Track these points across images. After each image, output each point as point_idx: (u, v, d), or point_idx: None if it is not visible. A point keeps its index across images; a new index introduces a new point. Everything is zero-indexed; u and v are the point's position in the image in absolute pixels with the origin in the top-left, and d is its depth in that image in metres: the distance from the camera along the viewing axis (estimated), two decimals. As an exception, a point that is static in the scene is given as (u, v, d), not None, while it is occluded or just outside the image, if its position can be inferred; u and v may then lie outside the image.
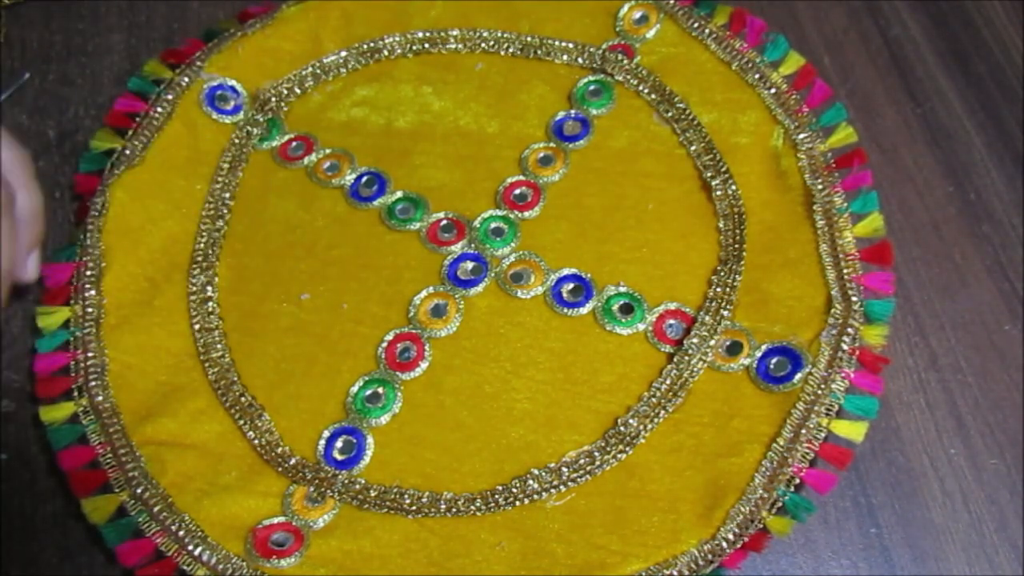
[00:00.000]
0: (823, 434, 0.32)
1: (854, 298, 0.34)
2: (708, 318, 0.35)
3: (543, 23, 0.44)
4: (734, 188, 0.38)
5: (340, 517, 0.33)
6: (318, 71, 0.43)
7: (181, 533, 0.31)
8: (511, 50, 0.43)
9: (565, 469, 0.33)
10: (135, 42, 0.44)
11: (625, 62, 0.42)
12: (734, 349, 0.35)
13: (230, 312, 0.37)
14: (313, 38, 0.43)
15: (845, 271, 0.35)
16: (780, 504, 0.31)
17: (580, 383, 0.35)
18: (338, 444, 0.34)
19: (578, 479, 0.33)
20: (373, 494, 0.33)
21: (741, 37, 0.42)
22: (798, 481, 0.32)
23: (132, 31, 0.45)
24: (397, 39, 0.43)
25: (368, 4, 0.44)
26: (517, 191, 0.40)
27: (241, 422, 0.34)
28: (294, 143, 0.41)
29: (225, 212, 0.39)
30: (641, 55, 0.42)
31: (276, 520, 0.32)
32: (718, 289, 0.36)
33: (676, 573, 0.30)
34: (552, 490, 0.32)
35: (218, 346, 0.36)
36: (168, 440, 0.34)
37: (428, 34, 0.43)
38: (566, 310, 0.36)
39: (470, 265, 0.38)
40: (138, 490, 0.32)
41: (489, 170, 0.40)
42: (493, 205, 0.39)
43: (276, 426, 0.34)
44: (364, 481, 0.33)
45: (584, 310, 0.36)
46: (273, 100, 0.42)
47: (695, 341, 0.35)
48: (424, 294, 0.37)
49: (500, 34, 0.43)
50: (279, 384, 0.35)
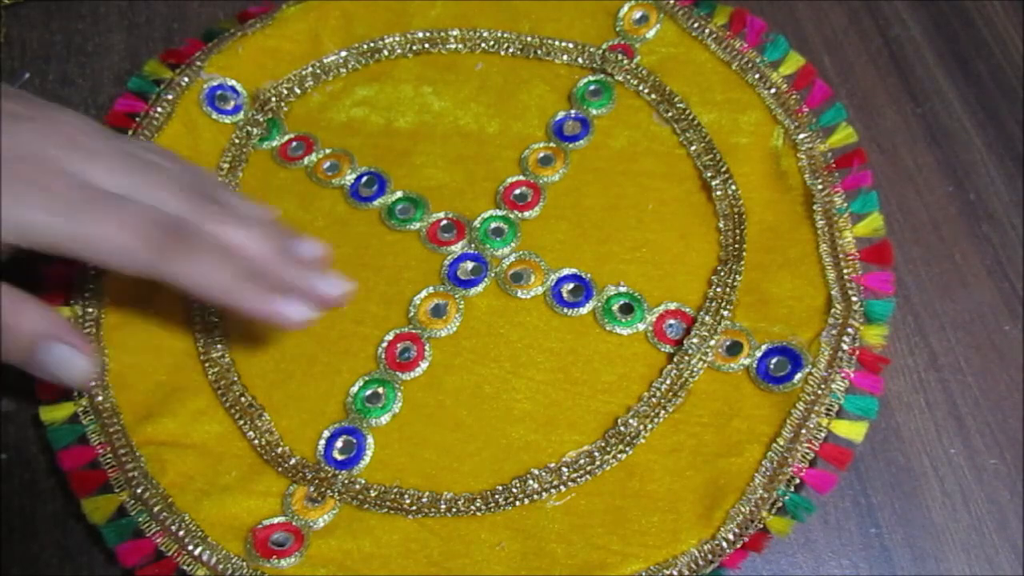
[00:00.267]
0: (823, 434, 0.32)
1: (854, 298, 0.34)
2: (708, 318, 0.35)
3: (543, 23, 0.44)
4: (734, 188, 0.38)
5: (340, 517, 0.33)
6: (318, 71, 0.43)
7: (181, 533, 0.31)
8: (511, 50, 0.43)
9: (565, 469, 0.33)
10: (135, 42, 0.44)
11: (625, 62, 0.42)
12: (734, 349, 0.35)
13: (230, 312, 0.37)
14: (313, 38, 0.43)
15: (845, 271, 0.35)
16: (780, 504, 0.31)
17: (580, 383, 0.35)
18: (338, 444, 0.34)
19: (578, 479, 0.33)
20: (373, 494, 0.33)
21: (741, 37, 0.42)
22: (798, 481, 0.31)
23: (132, 31, 0.45)
24: (397, 39, 0.43)
25: (368, 4, 0.44)
26: (517, 191, 0.40)
27: (241, 422, 0.34)
28: (294, 143, 0.41)
29: (225, 212, 0.39)
30: (641, 55, 0.42)
31: (276, 520, 0.32)
32: (718, 289, 0.36)
33: (676, 573, 0.30)
34: (552, 490, 0.32)
35: (218, 346, 0.36)
36: (168, 440, 0.34)
37: (428, 34, 0.43)
38: (566, 310, 0.36)
39: (470, 265, 0.38)
40: (138, 490, 0.32)
41: (489, 170, 0.40)
42: (493, 205, 0.39)
43: (276, 426, 0.34)
44: (364, 481, 0.33)
45: (584, 310, 0.36)
46: (273, 100, 0.42)
47: (695, 341, 0.35)
48: (424, 294, 0.37)
49: (500, 34, 0.43)
50: (279, 384, 0.35)
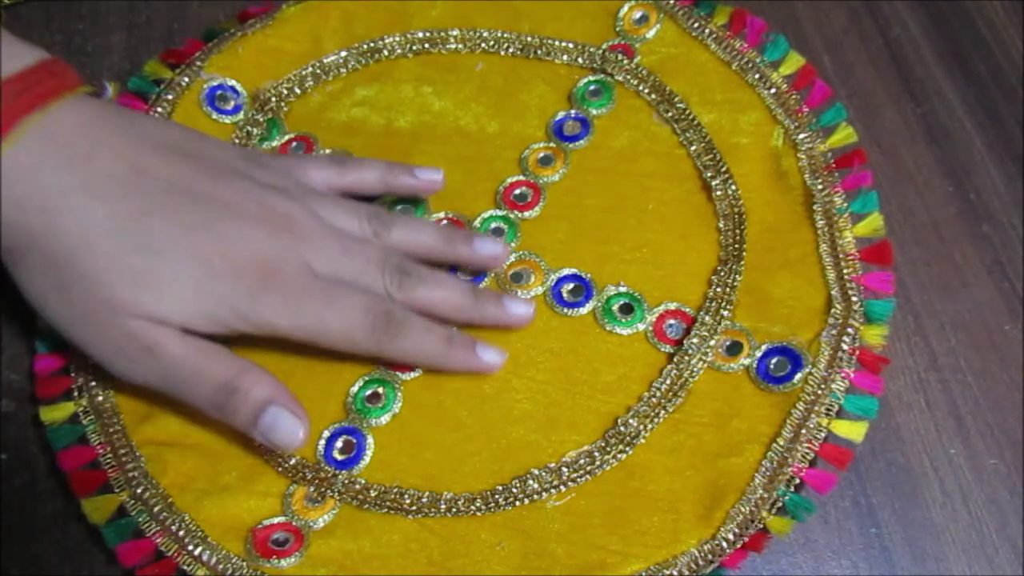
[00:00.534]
0: (823, 434, 0.32)
1: (854, 298, 0.34)
2: (708, 318, 0.35)
3: (543, 23, 0.44)
4: (734, 188, 0.38)
5: (340, 517, 0.33)
6: (318, 71, 0.43)
7: (181, 533, 0.31)
8: (511, 50, 0.43)
9: (565, 469, 0.33)
10: (135, 42, 0.44)
11: (625, 62, 0.42)
12: (734, 349, 0.35)
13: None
14: (313, 38, 0.43)
15: (845, 271, 0.35)
16: (780, 504, 0.31)
17: (580, 383, 0.35)
18: (338, 444, 0.34)
19: (578, 479, 0.33)
20: (373, 494, 0.33)
21: (741, 37, 0.42)
22: (798, 481, 0.32)
23: (132, 31, 0.45)
24: (397, 39, 0.43)
25: (368, 4, 0.44)
26: (517, 191, 0.40)
27: (241, 422, 0.34)
28: (294, 143, 0.41)
29: (225, 212, 0.39)
30: (641, 55, 0.42)
31: (276, 520, 0.32)
32: (718, 289, 0.36)
33: (676, 573, 0.30)
34: (552, 490, 0.32)
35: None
36: (168, 440, 0.34)
37: (428, 34, 0.43)
38: (566, 310, 0.36)
39: (470, 265, 0.38)
40: (138, 490, 0.32)
41: (489, 170, 0.40)
42: (493, 205, 0.39)
43: (276, 426, 0.34)
44: (364, 481, 0.33)
45: (584, 310, 0.36)
46: (273, 100, 0.42)
47: (695, 341, 0.35)
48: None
49: (500, 34, 0.43)
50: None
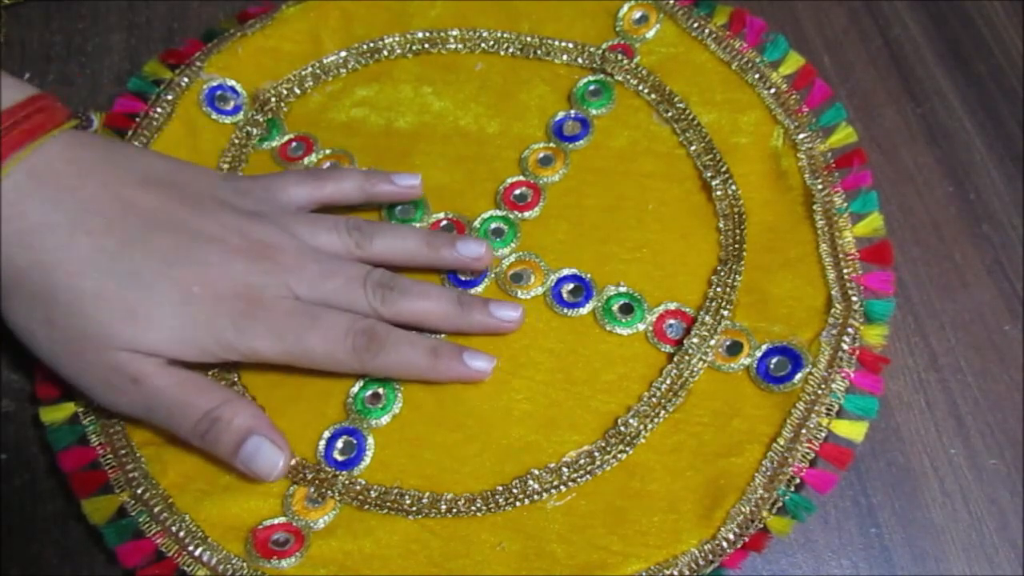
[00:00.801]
0: (823, 434, 0.32)
1: (854, 298, 0.34)
2: (708, 318, 0.35)
3: (543, 23, 0.44)
4: (734, 188, 0.38)
5: (340, 518, 0.32)
6: (318, 71, 0.43)
7: (182, 534, 0.31)
8: (511, 50, 0.43)
9: (565, 469, 0.33)
10: (135, 42, 0.44)
11: (625, 62, 0.42)
12: (734, 349, 0.35)
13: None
14: (313, 38, 0.43)
15: (845, 271, 0.35)
16: (780, 504, 0.31)
17: (580, 383, 0.35)
18: (338, 445, 0.34)
19: (578, 479, 0.33)
20: (373, 495, 0.33)
21: (741, 37, 0.42)
22: (798, 481, 0.32)
23: (132, 31, 0.45)
24: (397, 39, 0.43)
25: (368, 4, 0.44)
26: (517, 191, 0.40)
27: (241, 422, 0.34)
28: (294, 143, 0.41)
29: (225, 212, 0.39)
30: (641, 55, 0.42)
31: (276, 521, 0.32)
32: (718, 289, 0.36)
33: (677, 573, 0.30)
34: (552, 490, 0.32)
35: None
36: (168, 440, 0.34)
37: (428, 34, 0.43)
38: (566, 310, 0.36)
39: (470, 265, 0.38)
40: (138, 491, 0.32)
41: (489, 170, 0.40)
42: (493, 205, 0.39)
43: (277, 426, 0.34)
44: (364, 482, 0.33)
45: (584, 310, 0.36)
46: (273, 100, 0.42)
47: (695, 341, 0.35)
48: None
49: (500, 34, 0.43)
50: (279, 384, 0.35)
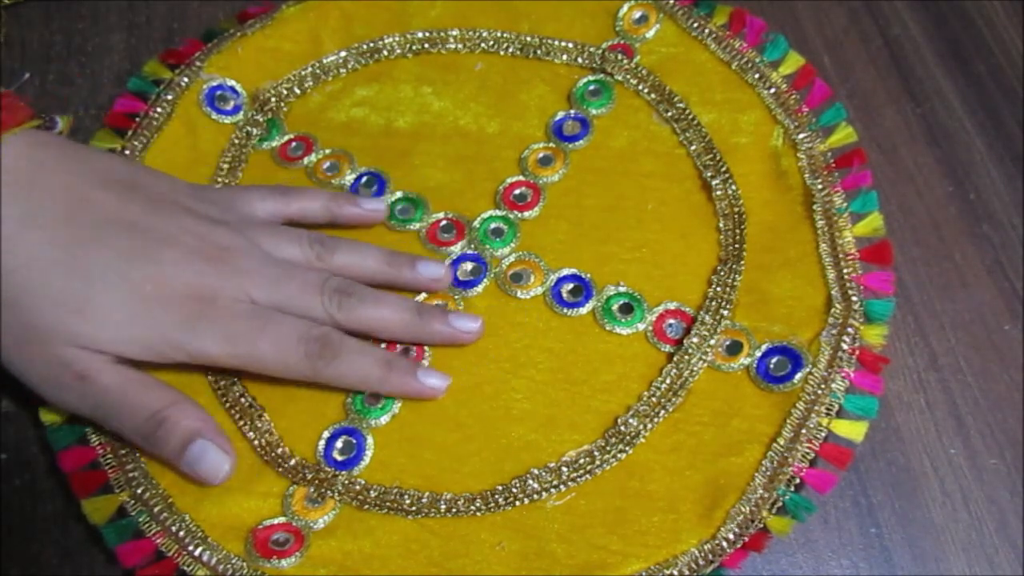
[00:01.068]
0: (823, 434, 0.32)
1: (854, 298, 0.34)
2: (708, 318, 0.35)
3: (543, 23, 0.44)
4: (734, 188, 0.38)
5: (340, 517, 0.32)
6: (318, 71, 0.43)
7: (181, 534, 0.31)
8: (511, 50, 0.43)
9: (565, 469, 0.33)
10: (135, 42, 0.44)
11: (625, 62, 0.42)
12: (734, 349, 0.35)
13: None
14: (313, 38, 0.43)
15: (845, 271, 0.35)
16: (780, 504, 0.31)
17: (580, 383, 0.35)
18: (338, 445, 0.34)
19: (578, 479, 0.33)
20: (373, 495, 0.33)
21: (741, 37, 0.42)
22: (798, 481, 0.32)
23: (132, 31, 0.45)
24: (397, 39, 0.43)
25: (368, 4, 0.44)
26: (517, 191, 0.40)
27: (241, 422, 0.34)
28: (294, 143, 0.41)
29: (225, 212, 0.39)
30: (641, 55, 0.42)
31: (276, 520, 0.32)
32: (718, 289, 0.36)
33: (676, 573, 0.30)
34: (552, 490, 0.32)
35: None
36: (168, 440, 0.34)
37: (428, 34, 0.43)
38: (566, 310, 0.36)
39: (470, 266, 0.38)
40: (138, 490, 0.32)
41: (489, 170, 0.40)
42: (493, 205, 0.39)
43: (276, 426, 0.34)
44: (364, 482, 0.33)
45: (584, 310, 0.36)
46: (273, 100, 0.42)
47: (695, 341, 0.35)
48: (424, 295, 0.37)
49: (500, 34, 0.43)
50: (279, 384, 0.35)
